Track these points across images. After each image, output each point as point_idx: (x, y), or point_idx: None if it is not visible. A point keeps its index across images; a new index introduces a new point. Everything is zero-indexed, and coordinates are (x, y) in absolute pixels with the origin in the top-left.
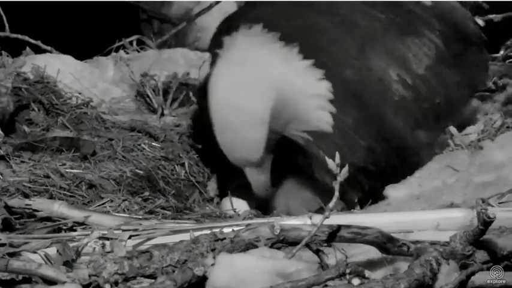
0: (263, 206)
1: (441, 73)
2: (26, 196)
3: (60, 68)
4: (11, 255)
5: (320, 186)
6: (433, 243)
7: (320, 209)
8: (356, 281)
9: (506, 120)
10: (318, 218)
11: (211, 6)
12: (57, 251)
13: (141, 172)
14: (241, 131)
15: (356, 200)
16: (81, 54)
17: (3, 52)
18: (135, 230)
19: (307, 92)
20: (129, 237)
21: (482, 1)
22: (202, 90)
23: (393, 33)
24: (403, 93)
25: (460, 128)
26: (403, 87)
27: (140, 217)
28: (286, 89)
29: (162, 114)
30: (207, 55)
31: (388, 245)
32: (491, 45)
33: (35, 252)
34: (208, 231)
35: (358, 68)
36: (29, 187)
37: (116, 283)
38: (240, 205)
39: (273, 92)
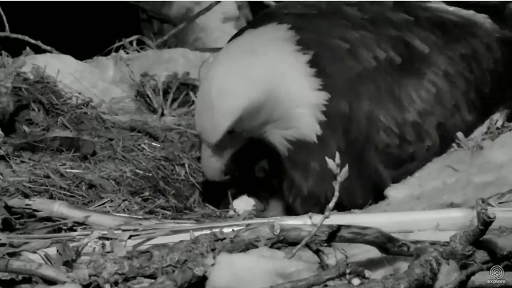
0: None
1: (438, 114)
2: (26, 196)
3: (60, 68)
4: (11, 255)
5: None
6: (433, 243)
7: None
8: (356, 281)
9: (508, 123)
10: (318, 218)
11: (211, 6)
12: (57, 251)
13: (141, 172)
14: (210, 111)
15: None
16: (81, 54)
17: (3, 52)
18: (135, 230)
19: (301, 97)
20: (129, 237)
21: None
22: None
23: (390, 72)
24: (387, 141)
25: None
26: (387, 135)
27: (140, 217)
28: (279, 87)
29: (162, 114)
30: (207, 55)
31: (388, 245)
32: None
33: (35, 252)
34: (208, 231)
35: (349, 101)
36: (29, 187)
37: (116, 283)
38: (242, 205)
39: (260, 86)
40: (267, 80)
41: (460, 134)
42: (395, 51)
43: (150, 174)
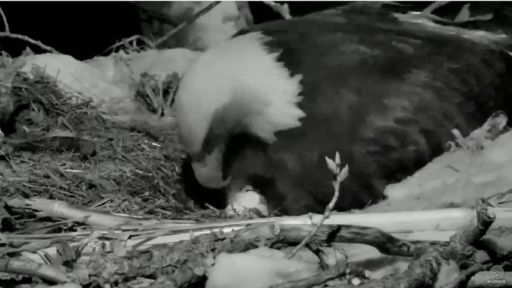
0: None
1: (419, 121)
2: (26, 196)
3: (60, 68)
4: (11, 255)
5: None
6: (433, 243)
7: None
8: (356, 281)
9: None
10: (318, 218)
11: (211, 6)
12: (57, 251)
13: (141, 172)
14: (185, 124)
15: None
16: (81, 54)
17: (3, 52)
18: (135, 230)
19: (273, 88)
20: (129, 237)
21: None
22: None
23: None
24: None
25: None
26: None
27: (140, 217)
28: (245, 83)
29: (162, 114)
30: None
31: (388, 245)
32: None
33: (35, 252)
34: (208, 231)
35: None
36: (29, 187)
37: (116, 283)
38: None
39: (225, 87)
40: (232, 79)
41: (456, 132)
42: (379, 52)
43: (150, 174)
